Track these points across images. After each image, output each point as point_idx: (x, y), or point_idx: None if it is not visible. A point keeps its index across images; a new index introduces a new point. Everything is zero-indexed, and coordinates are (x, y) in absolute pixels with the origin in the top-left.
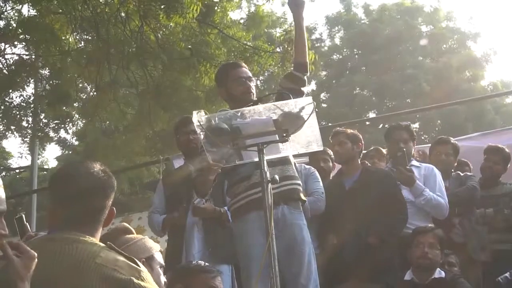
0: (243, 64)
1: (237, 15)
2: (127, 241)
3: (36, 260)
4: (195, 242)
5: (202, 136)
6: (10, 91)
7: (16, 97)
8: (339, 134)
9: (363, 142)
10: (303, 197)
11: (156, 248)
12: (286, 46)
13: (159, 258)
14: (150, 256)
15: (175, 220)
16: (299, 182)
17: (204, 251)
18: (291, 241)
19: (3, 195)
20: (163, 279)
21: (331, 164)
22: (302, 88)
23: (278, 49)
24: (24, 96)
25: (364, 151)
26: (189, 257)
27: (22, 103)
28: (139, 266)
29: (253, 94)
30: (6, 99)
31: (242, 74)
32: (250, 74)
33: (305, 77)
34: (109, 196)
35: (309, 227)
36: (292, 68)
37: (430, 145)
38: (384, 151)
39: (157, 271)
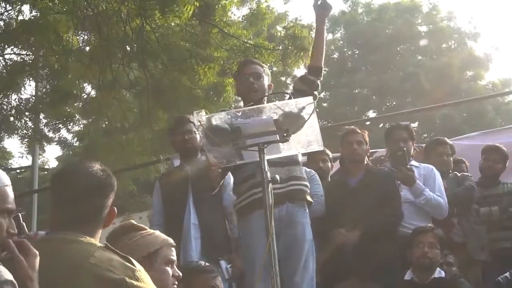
0: (255, 61)
1: (238, 12)
2: (129, 239)
3: (38, 258)
4: (192, 242)
5: (198, 137)
6: (10, 91)
7: (16, 97)
8: (357, 134)
9: None
10: (309, 199)
11: (160, 244)
12: (287, 44)
13: (165, 253)
14: (149, 254)
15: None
16: (306, 183)
17: (201, 251)
18: (292, 239)
19: (12, 195)
20: (169, 275)
21: (330, 164)
22: (315, 92)
23: (278, 47)
24: (23, 97)
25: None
26: (186, 257)
27: (22, 103)
28: (134, 265)
29: (256, 91)
30: (6, 100)
31: (248, 71)
32: (259, 71)
33: (319, 81)
34: (108, 196)
35: None
36: (306, 71)
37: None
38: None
39: (161, 269)
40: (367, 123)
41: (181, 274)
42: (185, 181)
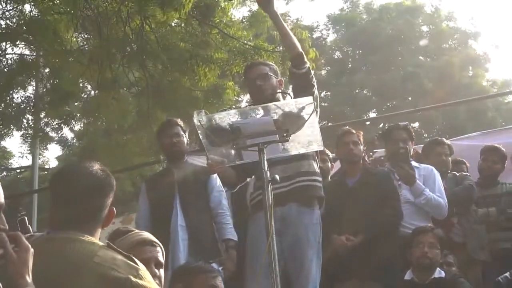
0: (259, 62)
1: (238, 14)
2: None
3: (32, 251)
4: (180, 243)
5: (185, 140)
6: (11, 91)
7: (17, 97)
8: (352, 134)
9: None
10: (320, 194)
11: (129, 246)
12: None
13: (136, 255)
14: None
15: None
16: (317, 177)
17: (189, 252)
18: (294, 239)
19: (1, 190)
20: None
21: (330, 164)
22: (310, 76)
23: (278, 48)
24: (25, 96)
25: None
26: (174, 258)
27: (22, 103)
28: (137, 264)
29: (264, 91)
30: (7, 98)
31: (254, 74)
32: (265, 72)
33: (303, 69)
34: (108, 195)
35: None
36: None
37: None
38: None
39: None
40: (367, 123)
41: (157, 272)
42: (172, 184)
